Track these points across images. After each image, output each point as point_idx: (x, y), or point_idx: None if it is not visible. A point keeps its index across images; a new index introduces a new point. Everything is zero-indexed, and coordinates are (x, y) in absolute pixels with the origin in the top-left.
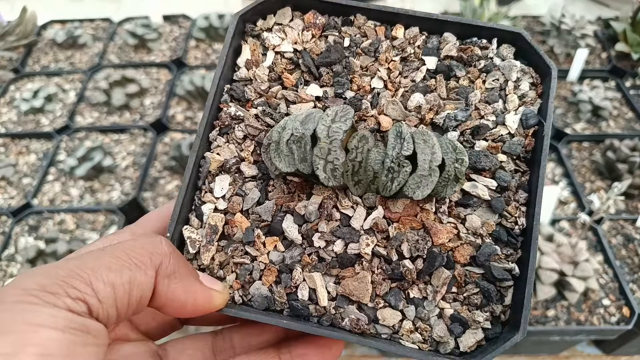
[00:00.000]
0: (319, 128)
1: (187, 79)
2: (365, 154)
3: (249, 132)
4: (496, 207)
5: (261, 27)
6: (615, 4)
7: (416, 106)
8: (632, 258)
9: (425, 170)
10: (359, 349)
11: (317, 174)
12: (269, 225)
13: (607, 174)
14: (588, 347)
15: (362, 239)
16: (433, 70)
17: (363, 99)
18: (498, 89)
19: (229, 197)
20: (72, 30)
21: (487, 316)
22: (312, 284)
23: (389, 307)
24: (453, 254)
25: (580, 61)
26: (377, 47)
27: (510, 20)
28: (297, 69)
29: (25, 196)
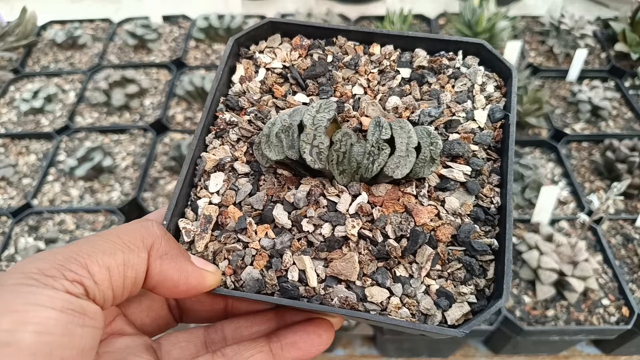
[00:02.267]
0: (305, 117)
1: (187, 80)
2: (349, 147)
3: (242, 135)
4: (472, 189)
5: (254, 50)
6: (615, 4)
7: (394, 107)
8: (632, 258)
9: (403, 152)
10: (359, 349)
11: (304, 157)
12: (260, 213)
13: (607, 174)
14: (587, 347)
15: (348, 221)
16: (407, 78)
17: (345, 102)
18: (466, 92)
19: (222, 192)
20: (72, 31)
21: (472, 289)
22: (302, 265)
23: (376, 285)
24: (435, 233)
25: (579, 61)
26: (357, 61)
27: (509, 20)
28: (286, 82)
29: (25, 196)
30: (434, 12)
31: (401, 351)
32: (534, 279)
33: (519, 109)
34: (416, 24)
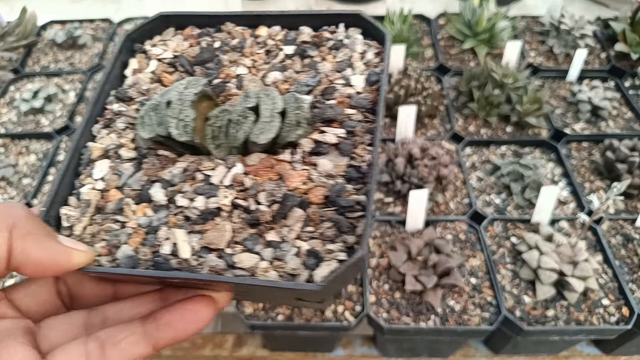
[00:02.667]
0: (172, 94)
1: None
2: (226, 122)
3: (129, 122)
4: (344, 150)
5: (148, 44)
6: (615, 4)
7: (273, 81)
8: (632, 258)
9: (267, 118)
10: (359, 349)
11: (170, 131)
12: (139, 194)
13: (607, 174)
14: (587, 347)
15: (220, 192)
16: (291, 54)
17: (228, 83)
18: (347, 61)
19: (107, 178)
20: (72, 31)
21: (340, 246)
22: (175, 239)
23: (246, 252)
24: (307, 196)
25: (579, 61)
26: (243, 44)
27: (509, 20)
28: (176, 70)
29: (25, 196)
30: (434, 12)
31: (401, 351)
32: (534, 279)
33: (519, 109)
34: (416, 23)
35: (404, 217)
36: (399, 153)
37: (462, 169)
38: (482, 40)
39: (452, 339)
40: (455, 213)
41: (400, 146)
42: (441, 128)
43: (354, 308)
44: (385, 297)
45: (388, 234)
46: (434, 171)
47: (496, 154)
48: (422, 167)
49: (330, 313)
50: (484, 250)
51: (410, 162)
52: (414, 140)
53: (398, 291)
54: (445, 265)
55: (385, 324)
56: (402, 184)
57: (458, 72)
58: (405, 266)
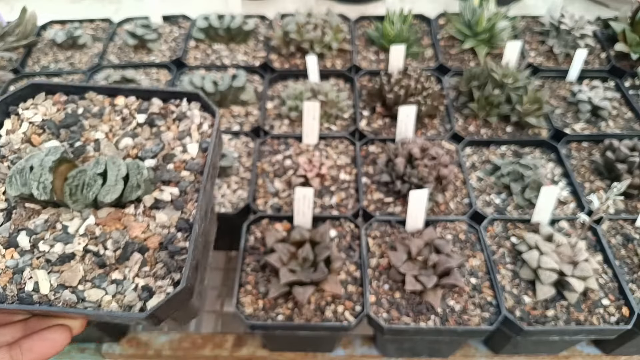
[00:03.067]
0: (34, 160)
1: (186, 79)
2: (82, 181)
3: (1, 178)
4: (177, 206)
5: (21, 108)
6: (615, 4)
7: (125, 146)
8: (632, 258)
9: (113, 182)
10: (359, 349)
11: (32, 191)
12: (7, 240)
13: (607, 174)
14: (587, 347)
15: (75, 240)
16: (142, 123)
17: (88, 146)
18: (187, 130)
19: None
20: (72, 31)
21: (169, 282)
22: (36, 278)
23: (95, 288)
24: (146, 242)
25: (579, 61)
26: (103, 111)
27: (509, 20)
28: (44, 132)
29: None
30: (434, 12)
31: (401, 351)
32: (534, 279)
33: (519, 109)
34: (416, 23)
35: (404, 217)
36: (399, 153)
37: (462, 169)
38: (482, 40)
39: (452, 339)
40: (455, 213)
41: (400, 146)
42: (441, 128)
43: (354, 308)
44: (385, 297)
45: (388, 234)
46: (434, 171)
47: (496, 154)
48: (422, 167)
49: (330, 313)
50: (484, 250)
51: (410, 162)
52: (414, 140)
53: (398, 291)
54: (445, 265)
55: (385, 324)
56: (402, 184)
57: (458, 72)
58: (405, 266)
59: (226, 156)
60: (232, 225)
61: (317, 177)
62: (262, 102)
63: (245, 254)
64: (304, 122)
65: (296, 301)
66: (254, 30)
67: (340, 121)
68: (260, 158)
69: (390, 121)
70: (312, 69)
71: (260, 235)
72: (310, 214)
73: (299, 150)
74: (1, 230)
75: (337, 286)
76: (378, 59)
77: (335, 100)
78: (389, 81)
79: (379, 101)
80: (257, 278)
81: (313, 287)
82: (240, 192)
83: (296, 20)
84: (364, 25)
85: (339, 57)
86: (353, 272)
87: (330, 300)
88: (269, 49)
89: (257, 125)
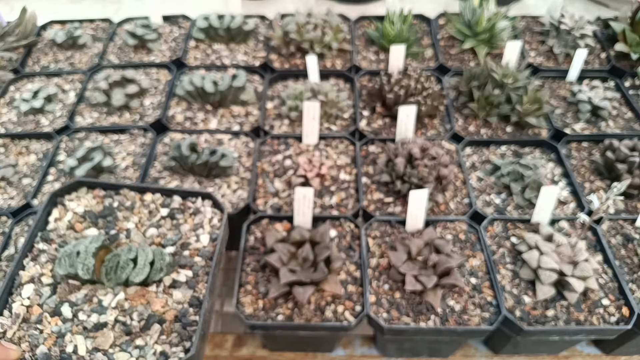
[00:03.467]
0: (81, 246)
1: (186, 80)
2: (115, 264)
3: (49, 258)
4: (190, 285)
5: (67, 200)
6: (615, 4)
7: (150, 235)
8: (632, 258)
9: (141, 266)
10: (359, 349)
11: (78, 272)
12: (53, 310)
13: (607, 174)
14: (587, 347)
15: (108, 311)
16: (165, 216)
17: (120, 234)
18: (200, 223)
19: (31, 298)
20: (72, 31)
21: (181, 349)
22: (76, 342)
23: (122, 351)
24: (164, 315)
25: (579, 61)
26: (134, 205)
27: (509, 20)
28: (85, 220)
29: (25, 196)
30: (434, 12)
31: (401, 351)
32: (534, 279)
33: (519, 109)
34: (416, 23)
35: (404, 217)
36: (399, 153)
37: (462, 169)
38: (482, 40)
39: (452, 339)
40: (455, 213)
41: (400, 146)
42: (441, 128)
43: (354, 308)
44: (385, 297)
45: (388, 234)
46: (434, 171)
47: (496, 154)
48: (422, 167)
49: (330, 313)
50: (484, 250)
51: (410, 162)
52: (414, 140)
53: (398, 291)
54: (445, 265)
55: (385, 324)
56: (402, 184)
57: (458, 72)
58: (405, 266)
59: (226, 156)
60: (232, 225)
61: (317, 177)
62: (262, 102)
63: (245, 254)
64: (304, 122)
65: (296, 301)
66: (254, 30)
67: (340, 121)
68: (260, 158)
69: (390, 121)
70: (312, 69)
71: (260, 235)
72: (310, 214)
73: (299, 150)
74: (48, 302)
75: (337, 286)
76: (378, 59)
77: (335, 100)
78: (389, 81)
79: (379, 101)
80: (257, 278)
81: (313, 287)
82: (240, 192)
83: (296, 20)
84: (364, 25)
85: (339, 57)
86: (353, 272)
87: (330, 300)
88: (269, 49)
89: (257, 125)
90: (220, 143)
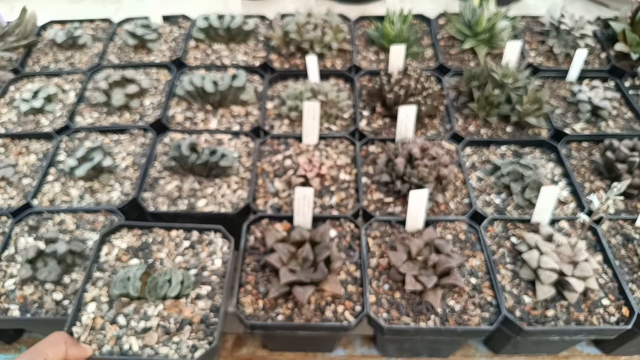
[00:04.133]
0: (130, 272)
1: (187, 80)
2: (154, 284)
3: (105, 283)
4: (210, 297)
5: (113, 238)
6: (615, 4)
7: (178, 262)
8: (632, 258)
9: (175, 285)
10: (359, 349)
11: (129, 291)
12: (112, 319)
13: (607, 174)
14: (587, 347)
15: (152, 319)
16: (187, 247)
17: (156, 262)
18: (214, 251)
19: (95, 312)
20: (72, 31)
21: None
22: (130, 342)
23: (164, 346)
24: (192, 319)
25: (579, 61)
26: (164, 240)
27: (509, 20)
28: (128, 253)
29: (25, 196)
30: (434, 12)
31: (401, 351)
32: (534, 279)
33: (519, 109)
34: (416, 23)
35: (404, 217)
36: (399, 153)
37: (462, 169)
38: (482, 40)
39: (452, 339)
40: (455, 213)
41: (400, 146)
42: (441, 128)
43: (354, 308)
44: (385, 297)
45: (388, 234)
46: (434, 171)
47: (496, 154)
48: (422, 167)
49: (330, 313)
50: (484, 250)
51: (410, 162)
52: (414, 140)
53: (398, 291)
54: (445, 265)
55: (385, 324)
56: (402, 184)
57: (458, 72)
58: (405, 266)
59: (226, 156)
60: (232, 225)
61: (317, 177)
62: (262, 102)
63: (245, 254)
64: (304, 122)
65: (296, 301)
66: (254, 30)
67: (340, 121)
68: (260, 158)
69: (390, 121)
70: (312, 69)
71: (260, 235)
72: (310, 214)
73: (299, 150)
74: (108, 314)
75: (337, 286)
76: (378, 59)
77: (335, 100)
78: (389, 81)
79: (379, 101)
80: (257, 278)
81: (313, 287)
82: (240, 192)
83: (296, 20)
84: (364, 25)
85: (339, 57)
86: (353, 272)
87: (330, 300)
88: (269, 49)
89: (257, 125)
90: (220, 143)
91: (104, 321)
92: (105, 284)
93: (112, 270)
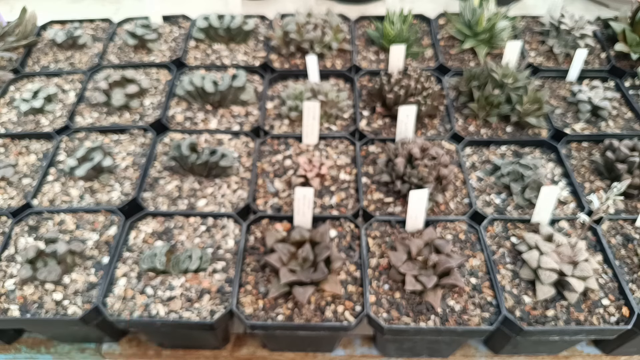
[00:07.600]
0: (156, 251)
1: (186, 80)
2: (176, 260)
3: (134, 261)
4: (224, 270)
5: (139, 224)
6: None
7: (197, 243)
8: (632, 258)
9: (195, 260)
10: (359, 349)
11: (155, 266)
12: (141, 290)
13: (607, 174)
14: (587, 347)
15: (176, 289)
16: (204, 230)
17: (177, 243)
18: (227, 233)
19: (126, 285)
20: (72, 31)
21: (223, 307)
22: (157, 308)
23: (187, 311)
24: (210, 288)
25: (579, 61)
26: (184, 225)
27: (509, 20)
28: (153, 237)
29: (25, 196)
30: (434, 12)
31: (401, 351)
32: (534, 279)
33: (519, 109)
34: (416, 23)
35: (404, 217)
36: (399, 153)
37: (462, 169)
38: (482, 40)
39: (452, 339)
40: (455, 213)
41: (400, 146)
42: (441, 128)
43: (354, 308)
44: (385, 297)
45: (388, 234)
46: (434, 171)
47: (496, 154)
48: (422, 167)
49: (330, 313)
50: (484, 250)
51: (410, 162)
52: (414, 140)
53: (398, 291)
54: (445, 265)
55: (385, 324)
56: (402, 184)
57: (458, 72)
58: (405, 266)
59: (226, 156)
60: None
61: (317, 177)
62: (262, 102)
63: (245, 254)
64: (304, 122)
65: (296, 301)
66: (254, 30)
67: (340, 121)
68: (260, 158)
69: (390, 121)
70: (312, 69)
71: (260, 235)
72: (310, 214)
73: (299, 150)
74: (137, 286)
75: (337, 286)
76: (378, 59)
77: (335, 100)
78: (389, 81)
79: (379, 101)
80: (257, 278)
81: (313, 287)
82: (240, 192)
83: (296, 20)
84: (364, 25)
85: (339, 57)
86: (353, 272)
87: (330, 300)
88: (269, 49)
89: (257, 125)
90: (220, 143)
91: (134, 292)
92: (134, 262)
93: (139, 250)
